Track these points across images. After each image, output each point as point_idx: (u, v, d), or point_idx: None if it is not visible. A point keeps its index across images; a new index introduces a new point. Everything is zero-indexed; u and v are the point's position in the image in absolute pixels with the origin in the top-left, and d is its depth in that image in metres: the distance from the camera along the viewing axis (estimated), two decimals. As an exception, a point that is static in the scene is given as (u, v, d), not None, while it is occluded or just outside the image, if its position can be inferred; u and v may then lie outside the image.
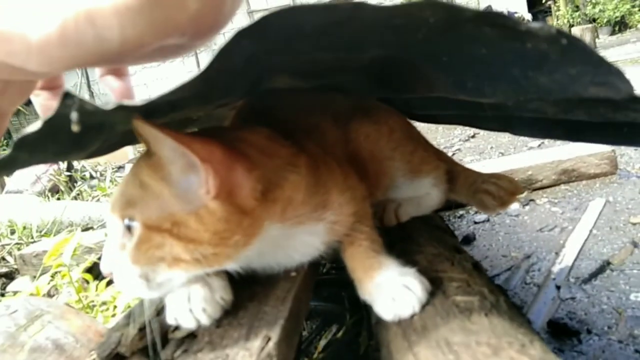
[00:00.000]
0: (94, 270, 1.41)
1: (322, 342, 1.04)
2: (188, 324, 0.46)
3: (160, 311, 0.50)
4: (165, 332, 0.48)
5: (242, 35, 0.33)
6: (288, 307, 0.51)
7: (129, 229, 0.44)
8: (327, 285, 1.14)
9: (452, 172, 0.90)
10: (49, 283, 1.23)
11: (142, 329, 0.48)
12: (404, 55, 0.56)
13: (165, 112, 0.58)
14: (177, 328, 0.47)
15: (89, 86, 7.51)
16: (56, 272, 1.23)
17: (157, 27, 0.34)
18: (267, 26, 0.35)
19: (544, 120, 0.72)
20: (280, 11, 0.33)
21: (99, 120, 0.44)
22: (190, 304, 0.46)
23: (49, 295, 1.29)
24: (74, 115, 0.32)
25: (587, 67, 0.35)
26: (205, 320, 0.47)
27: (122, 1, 0.32)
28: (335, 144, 0.73)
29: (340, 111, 0.81)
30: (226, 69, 0.42)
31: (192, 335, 0.47)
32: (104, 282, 1.22)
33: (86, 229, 2.05)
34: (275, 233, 0.50)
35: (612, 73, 0.34)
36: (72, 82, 7.90)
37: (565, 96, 0.43)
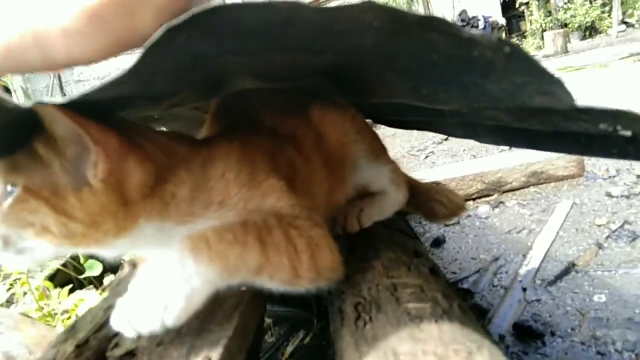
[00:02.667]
0: (58, 278, 1.37)
1: (290, 348, 1.02)
2: (128, 333, 0.45)
3: (102, 326, 0.48)
4: (104, 349, 0.46)
5: (172, 30, 0.32)
6: (234, 325, 0.49)
7: (8, 193, 0.43)
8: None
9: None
10: (7, 290, 1.19)
11: (79, 346, 0.46)
12: (360, 60, 0.55)
13: (112, 110, 0.56)
14: (116, 345, 0.45)
15: (61, 87, 7.35)
16: (16, 279, 1.19)
17: (105, 48, 0.34)
18: (202, 21, 0.33)
19: (506, 129, 0.72)
20: (215, 7, 0.32)
21: (27, 118, 0.43)
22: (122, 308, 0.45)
23: (9, 303, 1.24)
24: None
25: (531, 77, 0.35)
26: (144, 332, 0.45)
27: (69, 24, 0.33)
28: (304, 140, 0.73)
29: (308, 104, 0.81)
30: (165, 67, 0.41)
31: (130, 354, 0.45)
32: (66, 289, 1.19)
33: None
34: (151, 231, 0.48)
35: (554, 83, 0.34)
36: (44, 83, 7.73)
37: (514, 105, 0.43)
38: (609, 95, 2.79)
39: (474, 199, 1.68)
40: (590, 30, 7.53)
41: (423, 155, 2.54)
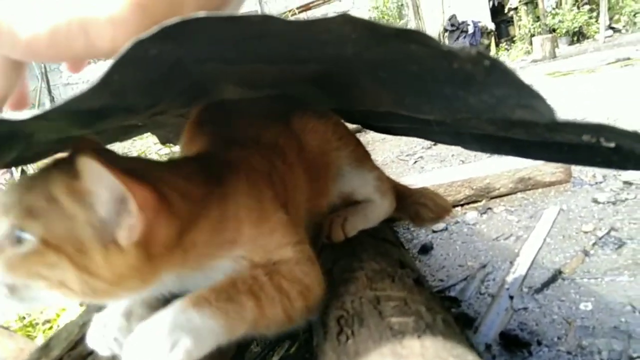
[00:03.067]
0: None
1: (275, 359, 1.01)
2: (102, 351, 0.43)
3: (77, 343, 0.46)
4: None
5: (141, 43, 0.31)
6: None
7: (17, 238, 0.41)
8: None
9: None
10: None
11: (50, 365, 0.44)
12: (344, 69, 0.54)
13: (91, 121, 0.55)
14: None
15: (49, 91, 7.27)
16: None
17: None
18: (174, 34, 0.32)
19: (492, 137, 0.72)
20: (186, 20, 0.31)
21: (7, 130, 0.41)
22: (106, 330, 0.43)
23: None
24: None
25: (512, 90, 0.35)
26: (118, 350, 0.44)
27: (117, 13, 0.33)
28: (287, 148, 0.72)
29: (291, 113, 0.80)
30: (138, 79, 0.40)
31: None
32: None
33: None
34: (172, 280, 0.47)
35: (534, 97, 0.33)
36: (32, 86, 7.64)
37: (496, 117, 0.43)
38: (597, 100, 2.81)
39: (462, 205, 1.68)
40: (578, 36, 7.61)
41: (412, 160, 2.54)
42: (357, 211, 0.82)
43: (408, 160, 2.58)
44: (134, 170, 0.43)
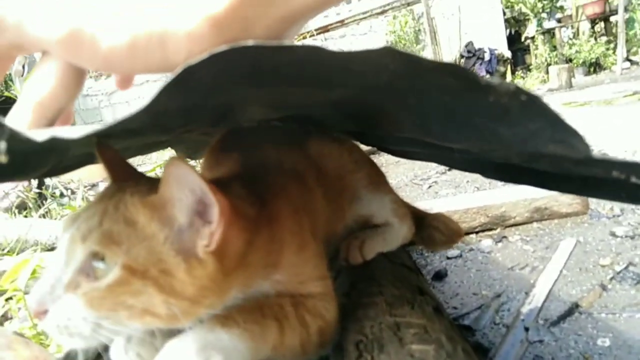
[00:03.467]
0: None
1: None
2: None
3: (98, 355, 0.47)
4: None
5: (193, 68, 0.32)
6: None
7: (92, 268, 0.40)
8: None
9: None
10: (2, 307, 1.18)
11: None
12: (370, 96, 0.55)
13: (123, 137, 0.56)
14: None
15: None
16: (11, 297, 1.18)
17: None
18: (220, 60, 0.33)
19: (512, 167, 0.72)
20: (234, 48, 0.32)
21: (45, 146, 0.42)
22: (129, 345, 0.43)
23: (4, 318, 1.23)
24: (2, 146, 0.30)
25: (546, 124, 0.35)
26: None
27: (195, 29, 0.34)
28: (307, 173, 0.73)
29: (306, 137, 0.81)
30: (179, 103, 0.41)
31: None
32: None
33: (51, 248, 1.98)
34: (237, 297, 0.47)
35: (570, 133, 0.34)
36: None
37: (526, 150, 0.43)
38: (614, 132, 2.80)
39: (477, 232, 1.67)
40: (594, 66, 7.60)
41: (426, 184, 2.54)
42: (375, 234, 0.83)
43: (422, 184, 2.58)
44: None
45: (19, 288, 1.07)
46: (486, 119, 0.43)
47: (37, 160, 0.46)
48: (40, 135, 0.30)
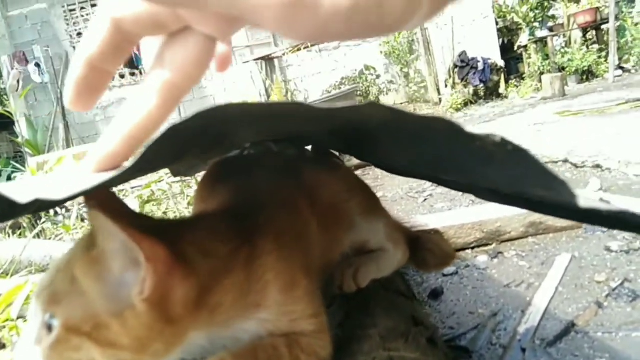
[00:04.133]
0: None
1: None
2: None
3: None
4: None
5: (177, 127, 0.32)
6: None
7: (48, 325, 0.41)
8: None
9: None
10: (-5, 335, 1.16)
11: None
12: (362, 132, 0.56)
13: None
14: None
15: (64, 116, 7.42)
16: (4, 325, 1.16)
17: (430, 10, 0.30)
18: (208, 116, 0.34)
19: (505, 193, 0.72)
20: (220, 107, 0.32)
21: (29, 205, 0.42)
22: None
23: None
24: None
25: (532, 172, 0.35)
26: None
27: None
28: (302, 204, 0.72)
29: (301, 167, 0.81)
30: (170, 146, 0.41)
31: None
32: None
33: (45, 269, 1.96)
34: (200, 341, 0.47)
35: (558, 182, 0.34)
36: (47, 111, 7.80)
37: (514, 190, 0.43)
38: (608, 142, 2.81)
39: (472, 248, 1.67)
40: (587, 75, 7.65)
41: (421, 198, 2.54)
42: (369, 261, 0.82)
43: (417, 197, 2.58)
44: (148, 227, 0.44)
45: (12, 317, 1.05)
46: (473, 161, 0.43)
47: (24, 208, 0.45)
48: (24, 197, 0.30)
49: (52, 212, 2.62)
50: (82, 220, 2.64)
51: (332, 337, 0.56)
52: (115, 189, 3.56)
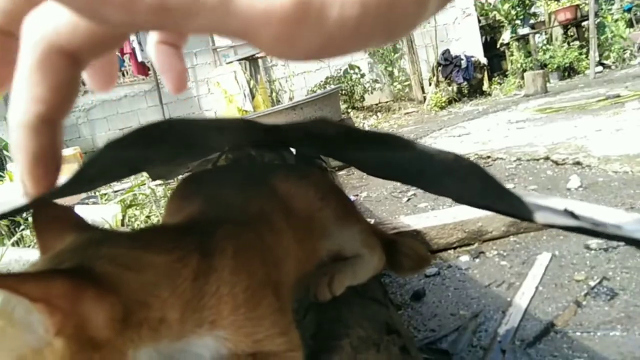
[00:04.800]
0: None
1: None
2: None
3: None
4: None
5: (112, 146, 0.31)
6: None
7: None
8: None
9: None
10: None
11: None
12: (326, 138, 0.55)
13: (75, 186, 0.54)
14: None
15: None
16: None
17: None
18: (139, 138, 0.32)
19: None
20: (168, 121, 0.31)
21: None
22: None
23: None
24: None
25: (491, 188, 0.34)
26: None
27: None
28: (274, 215, 0.71)
29: (273, 175, 0.80)
30: (117, 161, 0.40)
31: None
32: None
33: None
34: (152, 358, 0.44)
35: (512, 197, 0.33)
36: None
37: (478, 204, 0.42)
38: (590, 138, 2.84)
39: (454, 248, 1.67)
40: (569, 71, 7.75)
41: (405, 197, 2.54)
42: (344, 267, 0.81)
43: (401, 197, 2.58)
44: (76, 247, 0.42)
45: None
46: (437, 172, 0.42)
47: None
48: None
49: (30, 218, 2.57)
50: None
51: (304, 351, 0.54)
52: (97, 193, 3.50)
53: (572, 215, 0.41)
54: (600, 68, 7.25)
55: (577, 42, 7.95)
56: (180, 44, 0.34)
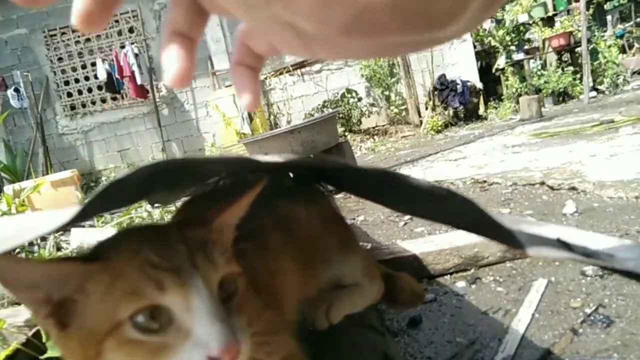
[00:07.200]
0: (18, 357, 1.29)
1: None
2: None
3: None
4: None
5: (119, 182, 0.32)
6: None
7: None
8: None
9: None
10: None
11: None
12: (323, 170, 0.56)
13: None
14: None
15: (43, 141, 7.32)
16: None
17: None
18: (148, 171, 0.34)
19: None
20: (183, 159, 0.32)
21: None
22: None
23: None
24: None
25: (484, 221, 0.36)
26: None
27: None
28: (275, 238, 0.71)
29: (277, 199, 0.81)
30: (124, 195, 0.41)
31: None
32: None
33: (16, 302, 1.91)
34: None
35: (504, 230, 0.34)
36: (27, 136, 7.70)
37: (468, 230, 0.43)
38: (585, 163, 2.87)
39: (450, 274, 1.67)
40: (563, 96, 7.85)
41: (402, 222, 2.55)
42: (343, 296, 0.82)
43: (398, 221, 2.58)
44: None
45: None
46: (433, 203, 0.43)
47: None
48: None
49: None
50: (58, 249, 2.58)
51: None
52: (94, 217, 3.49)
53: (565, 245, 0.42)
54: (594, 93, 7.35)
55: (571, 68, 8.08)
56: (258, 66, 0.35)
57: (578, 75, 7.78)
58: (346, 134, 7.58)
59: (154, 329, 0.40)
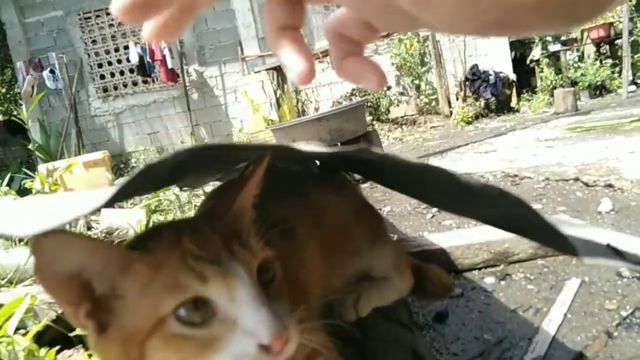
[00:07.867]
0: (47, 334, 1.33)
1: None
2: None
3: None
4: None
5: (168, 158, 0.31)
6: None
7: None
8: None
9: None
10: (-6, 348, 1.15)
11: None
12: (358, 161, 0.54)
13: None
14: None
15: (76, 122, 7.47)
16: (1, 341, 1.15)
17: None
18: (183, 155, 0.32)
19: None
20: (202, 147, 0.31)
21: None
22: None
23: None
24: None
25: (537, 226, 0.33)
26: None
27: None
28: (304, 226, 0.70)
29: (309, 187, 0.79)
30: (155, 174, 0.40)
31: None
32: (53, 351, 1.14)
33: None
34: None
35: (560, 237, 0.32)
36: (60, 117, 7.87)
37: (519, 233, 0.41)
38: (623, 160, 2.76)
39: (479, 269, 1.63)
40: (600, 89, 7.58)
41: (429, 214, 2.51)
42: (371, 288, 0.80)
43: (425, 213, 2.55)
44: None
45: (8, 334, 1.04)
46: (476, 203, 0.41)
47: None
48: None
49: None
50: (89, 228, 2.64)
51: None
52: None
53: (616, 251, 0.40)
54: (633, 87, 7.08)
55: (609, 60, 7.78)
56: (361, 48, 0.34)
57: (617, 69, 7.50)
58: (374, 122, 7.51)
59: (198, 322, 0.39)
